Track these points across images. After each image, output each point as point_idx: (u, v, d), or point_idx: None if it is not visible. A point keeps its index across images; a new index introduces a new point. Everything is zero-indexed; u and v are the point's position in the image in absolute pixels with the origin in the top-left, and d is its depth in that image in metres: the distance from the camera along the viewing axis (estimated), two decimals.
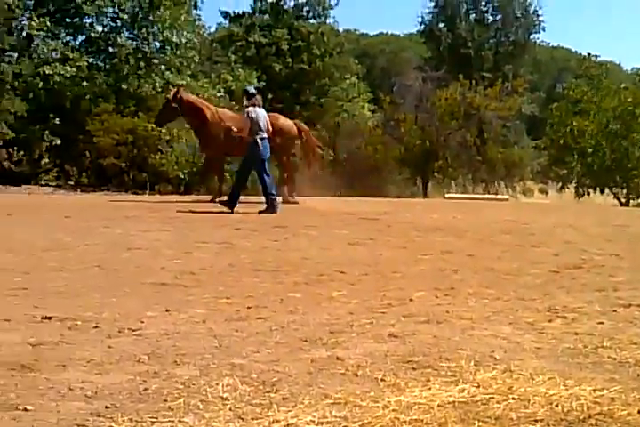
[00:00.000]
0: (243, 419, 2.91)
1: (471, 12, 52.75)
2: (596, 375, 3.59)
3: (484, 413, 3.02)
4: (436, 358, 3.84)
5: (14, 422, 2.84)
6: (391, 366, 3.71)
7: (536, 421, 2.93)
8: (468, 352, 3.98)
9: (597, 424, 2.92)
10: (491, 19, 52.75)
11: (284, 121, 15.23)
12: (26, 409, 2.97)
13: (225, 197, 13.04)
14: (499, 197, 26.55)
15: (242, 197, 13.06)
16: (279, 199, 13.18)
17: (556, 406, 3.10)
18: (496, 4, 52.29)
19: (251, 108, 12.84)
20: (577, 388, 3.33)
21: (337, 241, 9.31)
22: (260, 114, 12.86)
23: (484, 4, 52.71)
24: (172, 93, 15.31)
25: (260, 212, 12.43)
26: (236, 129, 13.44)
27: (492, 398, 3.19)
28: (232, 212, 12.37)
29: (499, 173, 31.23)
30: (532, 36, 53.48)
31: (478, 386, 3.35)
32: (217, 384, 3.33)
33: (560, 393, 3.25)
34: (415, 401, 3.12)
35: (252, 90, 13.84)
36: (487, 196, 26.51)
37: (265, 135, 12.78)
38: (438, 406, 3.07)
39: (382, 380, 3.45)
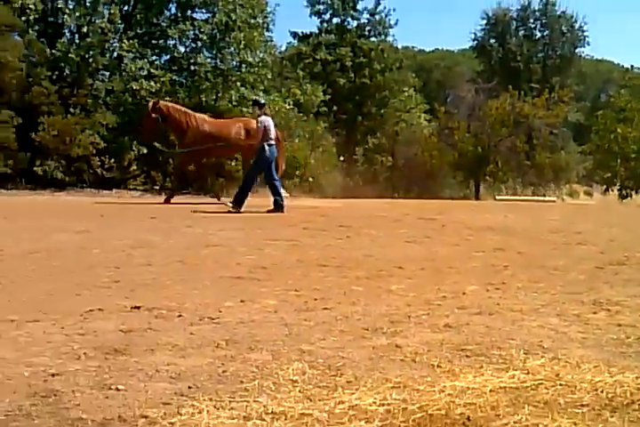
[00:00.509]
0: (311, 400, 2.92)
1: (520, 28, 52.10)
2: (639, 364, 3.51)
3: (533, 398, 2.98)
4: (489, 347, 3.81)
5: (107, 401, 2.90)
6: (446, 353, 3.68)
7: (582, 406, 2.89)
8: (517, 342, 3.93)
9: None
10: (539, 34, 52.02)
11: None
12: (118, 389, 3.03)
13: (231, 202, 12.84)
14: (546, 198, 26.23)
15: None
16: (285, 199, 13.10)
17: (601, 392, 3.04)
18: (544, 21, 51.54)
19: (263, 118, 12.87)
20: (621, 375, 3.27)
21: (396, 239, 9.27)
22: (270, 122, 12.91)
23: (532, 20, 52.00)
24: (150, 105, 14.73)
25: (269, 211, 12.54)
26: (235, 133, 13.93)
27: (541, 384, 3.15)
28: (240, 212, 12.39)
29: (546, 176, 30.83)
30: (577, 50, 52.68)
31: (528, 373, 3.31)
32: (287, 368, 3.35)
33: (605, 380, 3.19)
34: (469, 386, 3.09)
35: (262, 100, 13.96)
36: (535, 197, 26.18)
37: (273, 142, 12.85)
38: (490, 391, 3.04)
39: (438, 366, 3.43)
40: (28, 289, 5.43)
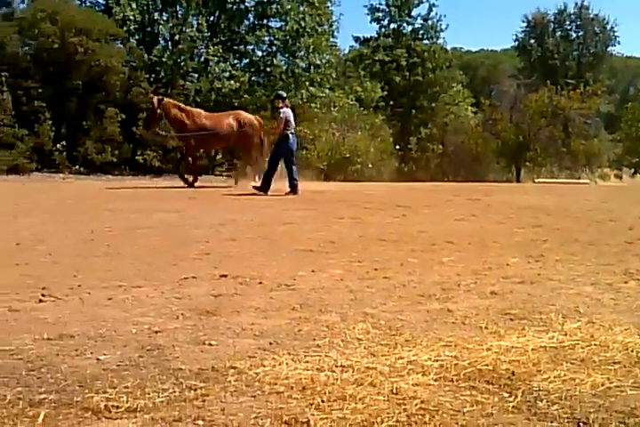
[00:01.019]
0: (374, 355, 2.93)
1: (557, 29, 50.82)
2: None
3: (570, 356, 2.94)
4: (530, 312, 3.76)
5: (202, 354, 2.97)
6: (492, 317, 3.65)
7: (614, 363, 2.84)
8: (556, 307, 3.87)
9: None
10: (574, 35, 50.69)
11: (247, 115, 14.82)
12: (210, 344, 3.10)
13: (258, 184, 12.56)
14: (580, 181, 25.68)
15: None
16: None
17: (632, 351, 2.98)
18: (578, 23, 50.12)
19: (284, 109, 12.51)
20: None
21: (446, 218, 9.17)
22: (290, 113, 12.58)
23: (568, 22, 50.65)
24: (155, 102, 13.91)
25: (287, 193, 12.21)
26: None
27: (577, 344, 3.10)
28: (267, 194, 12.08)
29: (580, 161, 30.13)
30: (608, 49, 51.19)
31: (565, 334, 3.26)
32: (353, 328, 3.37)
33: (635, 341, 3.12)
34: (513, 345, 3.06)
35: (284, 94, 13.52)
36: (571, 180, 25.62)
37: (293, 130, 12.55)
38: (532, 349, 3.01)
39: (485, 328, 3.41)
40: (133, 260, 5.56)
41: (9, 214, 8.73)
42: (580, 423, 2.22)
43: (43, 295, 4.10)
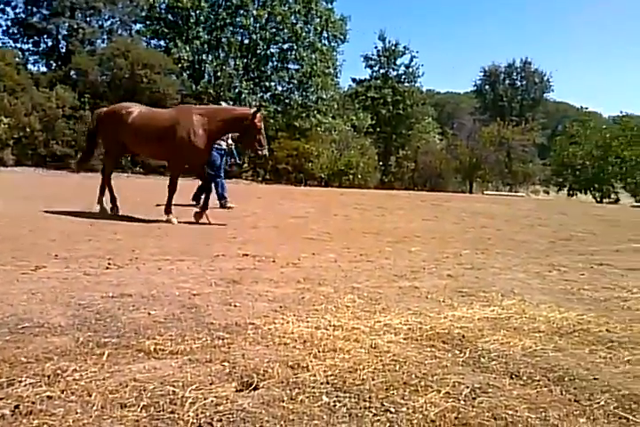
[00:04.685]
0: (358, 319, 2.92)
1: (506, 79, 50.73)
2: (579, 306, 3.41)
3: (506, 325, 2.93)
4: (477, 290, 3.75)
5: (229, 312, 2.92)
6: (448, 293, 3.64)
7: (540, 331, 2.83)
8: (496, 288, 3.86)
9: (579, 336, 2.78)
10: (519, 83, 50.51)
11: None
12: (235, 305, 3.07)
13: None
14: (518, 194, 25.71)
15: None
16: None
17: (553, 323, 2.97)
18: (523, 74, 50.05)
19: None
20: (566, 313, 3.18)
21: (416, 217, 9.19)
22: None
23: (515, 74, 50.55)
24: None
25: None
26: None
27: (512, 316, 3.09)
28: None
29: (518, 179, 30.25)
30: (544, 95, 51.12)
31: (503, 309, 3.25)
32: (343, 298, 3.36)
33: (555, 316, 3.11)
34: (463, 315, 3.05)
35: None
36: (511, 193, 25.67)
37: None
38: (478, 319, 3.00)
39: (443, 301, 3.40)
40: (178, 240, 5.53)
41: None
42: (513, 376, 2.22)
43: (109, 264, 4.09)
